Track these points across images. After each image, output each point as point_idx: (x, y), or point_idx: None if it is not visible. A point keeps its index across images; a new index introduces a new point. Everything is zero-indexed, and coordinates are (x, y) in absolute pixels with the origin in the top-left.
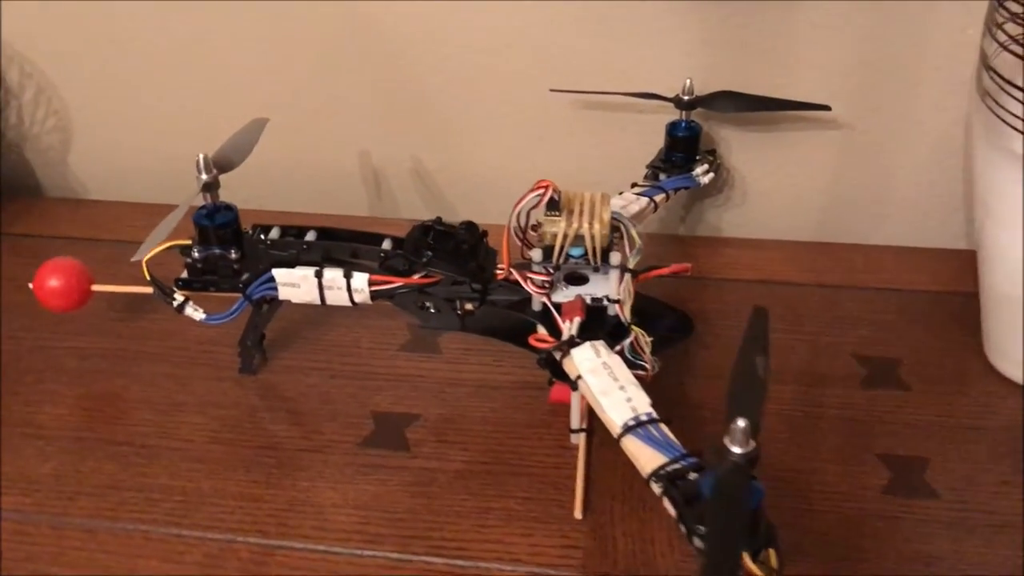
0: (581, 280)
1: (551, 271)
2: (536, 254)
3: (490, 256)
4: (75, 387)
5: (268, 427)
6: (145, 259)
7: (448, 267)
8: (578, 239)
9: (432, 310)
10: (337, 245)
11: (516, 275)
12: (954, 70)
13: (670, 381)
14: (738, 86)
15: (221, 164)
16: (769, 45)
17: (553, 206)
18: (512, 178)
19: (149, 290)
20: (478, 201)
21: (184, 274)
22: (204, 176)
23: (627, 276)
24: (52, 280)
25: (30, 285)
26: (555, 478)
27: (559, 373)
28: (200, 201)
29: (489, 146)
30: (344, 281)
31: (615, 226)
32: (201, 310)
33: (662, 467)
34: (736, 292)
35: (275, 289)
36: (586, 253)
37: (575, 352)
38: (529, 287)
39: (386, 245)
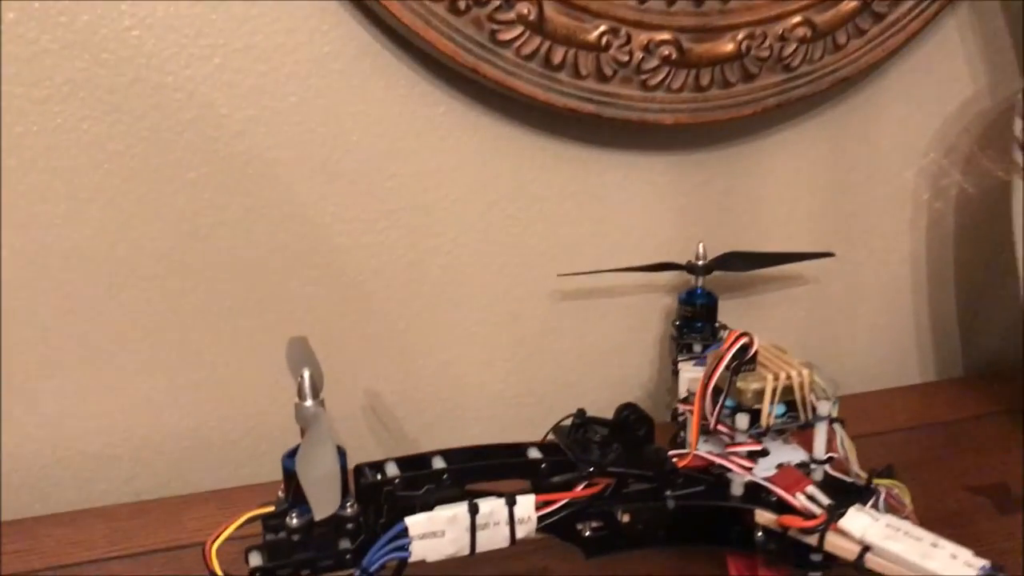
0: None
1: (755, 438)
2: (742, 420)
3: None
4: None
5: None
6: (214, 550)
7: (634, 465)
8: (784, 392)
9: (586, 532)
10: (479, 467)
11: (712, 457)
12: (897, 212)
13: None
14: (718, 248)
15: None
16: (736, 208)
17: (751, 360)
18: (485, 392)
19: None
20: (447, 428)
21: (257, 560)
22: (310, 403)
23: (838, 426)
24: None
25: None
26: None
27: (804, 561)
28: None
29: (455, 362)
30: (506, 511)
31: None
32: None
33: None
34: None
35: (406, 548)
36: (788, 411)
37: (847, 522)
38: (733, 464)
39: (534, 455)
